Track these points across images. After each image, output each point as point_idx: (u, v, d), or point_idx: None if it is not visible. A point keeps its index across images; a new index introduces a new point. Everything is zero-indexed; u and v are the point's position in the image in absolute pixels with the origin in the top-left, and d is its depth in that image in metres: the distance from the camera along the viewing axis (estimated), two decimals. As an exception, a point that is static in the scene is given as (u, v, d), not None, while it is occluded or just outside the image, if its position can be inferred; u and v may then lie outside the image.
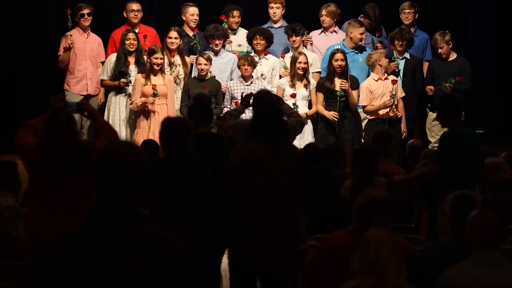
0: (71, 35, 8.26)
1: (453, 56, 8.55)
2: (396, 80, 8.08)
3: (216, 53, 8.36)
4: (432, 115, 8.49)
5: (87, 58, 8.40)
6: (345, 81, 7.88)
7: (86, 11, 8.34)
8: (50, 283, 2.25)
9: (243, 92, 7.49)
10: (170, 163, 4.39)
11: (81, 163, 4.13)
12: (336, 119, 7.89)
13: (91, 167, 2.38)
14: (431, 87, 8.41)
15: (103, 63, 8.45)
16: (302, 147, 6.53)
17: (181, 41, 8.26)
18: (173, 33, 8.22)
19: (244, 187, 4.31)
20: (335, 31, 8.79)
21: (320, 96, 8.05)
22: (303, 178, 4.44)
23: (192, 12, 8.62)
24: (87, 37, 8.42)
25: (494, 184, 5.37)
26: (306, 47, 8.52)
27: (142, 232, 2.29)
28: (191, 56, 8.44)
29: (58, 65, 8.46)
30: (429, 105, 7.26)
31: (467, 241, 3.50)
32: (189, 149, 4.46)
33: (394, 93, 7.99)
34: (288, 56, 8.38)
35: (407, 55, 8.47)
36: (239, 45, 8.61)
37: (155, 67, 7.85)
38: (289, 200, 4.34)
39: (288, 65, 8.22)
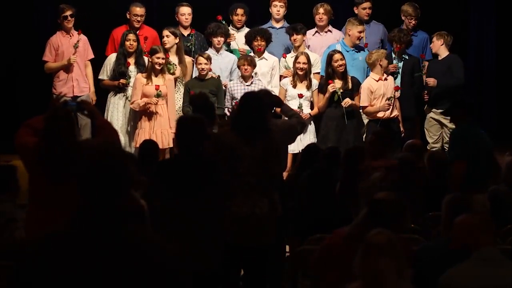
0: (75, 56, 8.24)
1: (444, 54, 8.53)
2: (399, 87, 8.08)
3: (218, 51, 8.35)
4: (430, 115, 8.51)
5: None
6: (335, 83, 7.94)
7: (68, 12, 8.31)
8: (37, 283, 2.24)
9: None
10: (183, 162, 4.38)
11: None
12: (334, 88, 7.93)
13: (77, 166, 2.38)
14: (425, 93, 8.44)
15: (92, 61, 8.47)
16: (303, 147, 6.56)
17: (176, 39, 8.22)
18: (165, 32, 8.21)
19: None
20: (330, 31, 8.78)
21: (322, 97, 8.06)
22: (276, 164, 4.87)
23: (182, 12, 8.59)
24: (70, 38, 8.40)
25: (508, 182, 5.41)
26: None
27: (129, 231, 2.28)
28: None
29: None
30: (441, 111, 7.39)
31: (468, 246, 3.53)
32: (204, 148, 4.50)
33: (393, 96, 8.00)
34: (290, 56, 8.39)
35: (405, 55, 8.48)
36: (245, 43, 8.60)
37: (157, 66, 7.83)
38: (261, 181, 4.72)
39: (290, 65, 8.23)
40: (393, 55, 8.44)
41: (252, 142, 4.73)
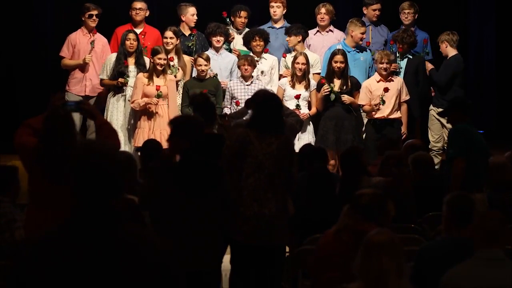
0: (91, 55, 8.27)
1: (452, 54, 8.52)
2: (388, 89, 8.04)
3: (217, 50, 8.36)
4: (432, 113, 8.51)
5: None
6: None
7: (95, 12, 8.35)
8: (31, 283, 2.24)
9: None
10: (194, 162, 4.36)
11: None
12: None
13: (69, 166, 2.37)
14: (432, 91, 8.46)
15: None
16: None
17: (177, 40, 8.24)
18: (169, 33, 8.20)
19: (235, 166, 4.70)
20: (331, 30, 8.78)
21: (320, 96, 8.04)
22: (289, 164, 4.78)
23: (192, 12, 8.62)
24: (89, 38, 8.42)
25: (499, 184, 5.39)
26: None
27: (122, 231, 2.27)
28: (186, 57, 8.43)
29: (57, 65, 8.48)
30: (439, 111, 7.43)
31: (474, 240, 3.52)
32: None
33: (384, 98, 7.97)
34: (289, 56, 8.39)
35: (409, 54, 8.47)
36: (243, 44, 8.60)
37: (158, 67, 7.82)
38: (272, 180, 4.69)
39: (290, 65, 8.22)
40: (397, 54, 8.44)
41: (266, 141, 4.72)
